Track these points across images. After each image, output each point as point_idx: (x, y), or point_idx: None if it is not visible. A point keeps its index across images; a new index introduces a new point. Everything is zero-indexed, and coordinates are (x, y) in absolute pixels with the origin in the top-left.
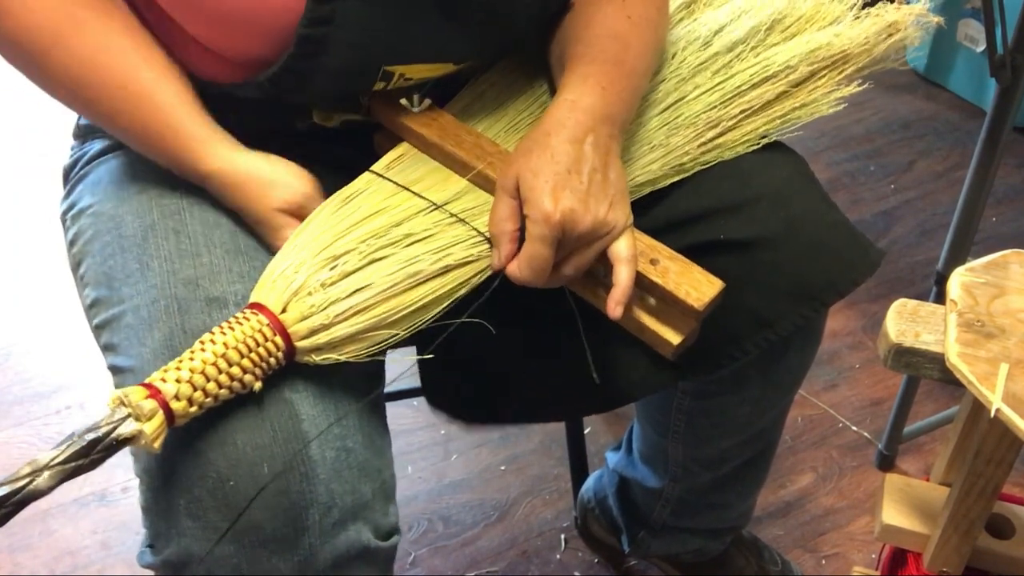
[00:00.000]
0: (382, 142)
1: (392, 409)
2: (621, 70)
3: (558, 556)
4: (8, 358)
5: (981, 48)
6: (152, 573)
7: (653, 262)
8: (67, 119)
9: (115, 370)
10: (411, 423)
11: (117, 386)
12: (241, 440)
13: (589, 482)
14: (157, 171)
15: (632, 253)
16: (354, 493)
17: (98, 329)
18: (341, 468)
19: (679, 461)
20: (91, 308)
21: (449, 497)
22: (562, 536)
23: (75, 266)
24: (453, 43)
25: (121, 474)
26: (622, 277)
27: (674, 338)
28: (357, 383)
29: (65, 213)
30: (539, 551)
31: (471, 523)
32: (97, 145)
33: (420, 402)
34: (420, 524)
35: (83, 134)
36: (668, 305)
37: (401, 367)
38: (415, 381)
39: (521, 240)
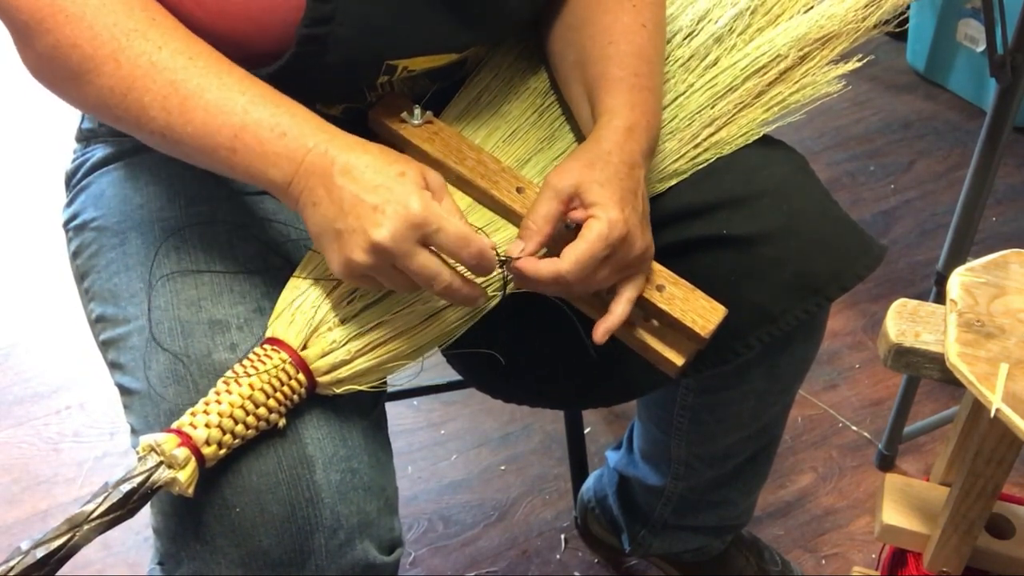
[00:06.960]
0: None
1: (392, 409)
2: (653, 96)
3: (558, 556)
4: (8, 358)
5: (981, 48)
6: None
7: (659, 288)
8: (69, 121)
9: (123, 390)
10: (411, 423)
11: (125, 406)
12: (246, 468)
13: (589, 481)
14: (158, 183)
15: (638, 292)
16: (360, 513)
17: (104, 345)
18: (347, 490)
19: (682, 458)
20: (97, 323)
21: (449, 497)
22: (562, 536)
23: (79, 277)
24: (454, 33)
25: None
26: (619, 310)
27: (677, 359)
28: (360, 398)
29: (68, 223)
30: (539, 551)
31: (471, 523)
32: (99, 152)
33: (420, 402)
34: (420, 524)
35: (86, 138)
36: (673, 329)
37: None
38: (415, 381)
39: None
